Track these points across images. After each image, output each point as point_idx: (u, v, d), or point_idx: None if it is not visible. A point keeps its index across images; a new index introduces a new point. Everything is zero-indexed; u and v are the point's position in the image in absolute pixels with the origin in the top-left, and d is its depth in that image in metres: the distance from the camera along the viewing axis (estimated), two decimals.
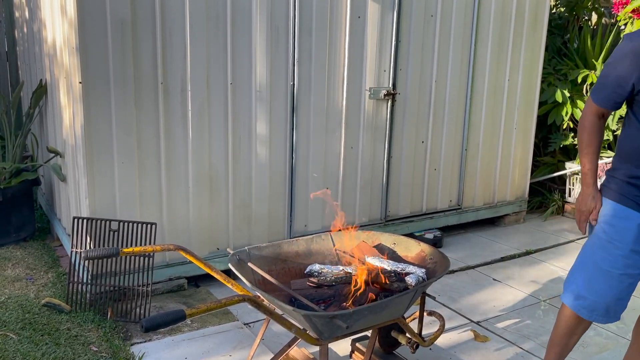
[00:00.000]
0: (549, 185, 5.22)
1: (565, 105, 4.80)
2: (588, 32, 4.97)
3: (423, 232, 4.13)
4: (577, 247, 4.24)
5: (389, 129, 3.85)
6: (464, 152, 4.28)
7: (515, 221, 4.75)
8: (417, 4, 3.76)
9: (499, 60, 4.26)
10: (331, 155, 3.65)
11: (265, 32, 3.23)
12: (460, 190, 4.35)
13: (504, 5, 4.17)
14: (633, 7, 4.05)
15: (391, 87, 3.78)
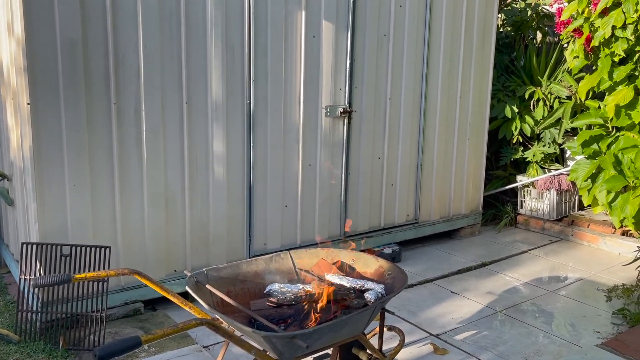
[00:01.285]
0: (502, 198, 5.39)
1: (514, 121, 4.99)
2: (533, 50, 5.19)
3: (382, 247, 4.18)
4: (530, 258, 4.38)
5: (346, 146, 3.89)
6: (420, 167, 4.37)
7: (470, 234, 4.87)
8: (370, 24, 3.84)
9: (450, 78, 4.40)
10: (289, 173, 3.66)
11: (221, 51, 3.23)
12: (417, 205, 4.43)
13: (453, 26, 4.32)
14: (574, 27, 4.26)
15: (347, 105, 3.84)
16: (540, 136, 5.09)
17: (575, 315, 3.36)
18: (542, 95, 4.97)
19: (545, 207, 4.97)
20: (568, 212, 5.02)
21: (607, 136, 4.32)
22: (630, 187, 4.09)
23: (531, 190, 5.05)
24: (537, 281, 3.92)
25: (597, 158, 4.32)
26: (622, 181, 4.09)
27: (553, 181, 4.86)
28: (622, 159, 4.16)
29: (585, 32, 4.20)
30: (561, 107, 4.88)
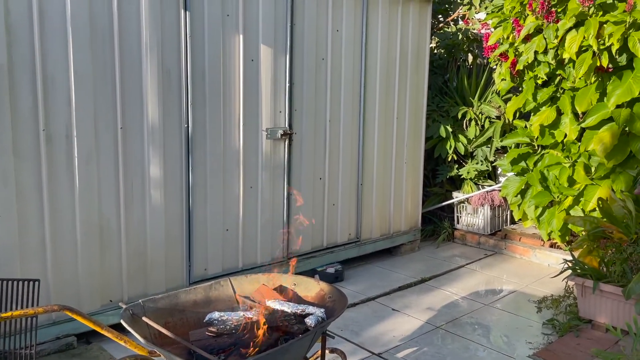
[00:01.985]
0: (440, 214, 5.56)
1: (449, 140, 5.19)
2: (465, 72, 5.44)
3: (325, 266, 4.21)
4: (467, 272, 4.53)
5: (287, 168, 3.91)
6: (360, 186, 4.45)
7: (410, 250, 4.99)
8: (308, 47, 3.90)
9: (387, 99, 4.53)
10: (230, 196, 3.63)
11: (157, 75, 3.18)
12: (358, 224, 4.50)
13: (388, 50, 4.46)
14: (500, 52, 4.51)
15: (287, 127, 3.86)
16: (473, 154, 5.32)
17: (510, 327, 3.50)
18: (474, 115, 5.20)
19: (480, 222, 5.17)
20: (501, 226, 5.25)
21: (534, 154, 4.57)
22: (555, 202, 4.34)
23: (467, 206, 5.25)
24: (474, 295, 4.05)
25: (525, 175, 4.56)
26: (548, 196, 4.34)
27: (486, 197, 5.07)
28: (547, 176, 4.42)
29: (511, 56, 4.46)
30: (491, 126, 5.13)
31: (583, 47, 3.88)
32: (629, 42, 3.66)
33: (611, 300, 3.29)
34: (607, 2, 3.84)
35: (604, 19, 3.75)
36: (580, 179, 4.14)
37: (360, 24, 4.21)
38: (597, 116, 3.96)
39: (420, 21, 4.67)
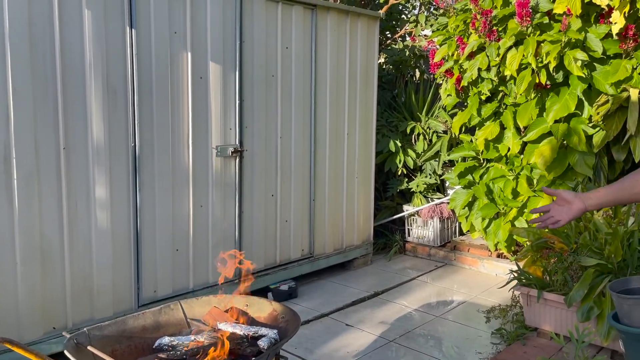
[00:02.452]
0: (391, 227, 5.64)
1: (398, 154, 5.29)
2: (412, 88, 5.57)
3: (278, 283, 4.18)
4: (418, 284, 4.61)
5: (238, 185, 3.88)
6: (312, 202, 4.46)
7: (363, 264, 5.03)
8: (257, 64, 3.90)
9: (337, 115, 4.57)
10: (180, 216, 3.56)
11: (101, 93, 3.10)
12: (311, 239, 4.50)
13: (338, 66, 4.51)
14: (445, 68, 4.65)
15: (238, 145, 3.84)
16: (422, 168, 5.44)
17: (460, 338, 3.57)
18: (422, 130, 5.33)
19: (430, 234, 5.28)
20: (450, 238, 5.37)
21: (479, 167, 4.72)
22: (501, 213, 4.49)
23: (417, 218, 5.35)
24: (426, 307, 4.12)
25: (471, 188, 4.70)
26: (494, 208, 4.49)
27: (436, 210, 5.19)
28: (493, 188, 4.57)
29: (456, 73, 4.61)
30: (439, 141, 5.27)
31: (523, 64, 4.06)
32: (564, 60, 3.86)
33: (554, 308, 3.42)
34: (543, 22, 4.04)
35: (542, 38, 3.93)
36: (524, 191, 4.31)
37: (309, 41, 4.25)
38: (538, 130, 4.14)
39: (369, 38, 4.76)
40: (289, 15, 4.08)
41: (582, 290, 3.23)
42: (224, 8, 3.64)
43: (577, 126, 4.05)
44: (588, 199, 1.85)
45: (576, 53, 3.79)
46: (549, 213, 1.90)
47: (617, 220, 3.67)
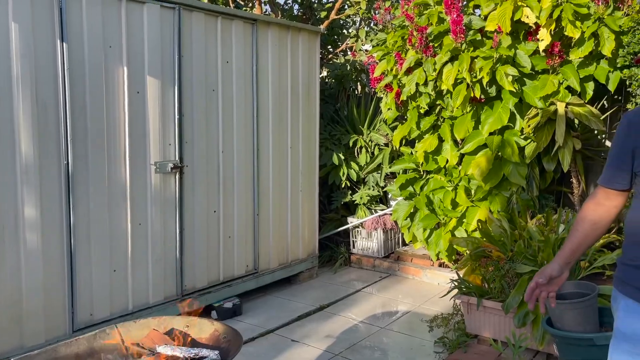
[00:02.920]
0: (336, 239, 5.67)
1: (341, 167, 5.34)
2: (354, 101, 5.66)
3: (222, 301, 4.10)
4: (363, 296, 4.64)
5: (179, 202, 3.79)
6: (256, 217, 4.42)
7: (309, 277, 5.02)
8: (197, 78, 3.85)
9: (280, 129, 4.57)
10: (117, 234, 3.44)
11: (31, 109, 2.96)
12: (255, 255, 4.45)
13: (280, 80, 4.52)
14: (385, 83, 4.75)
15: (178, 160, 3.76)
16: (365, 180, 5.51)
17: (405, 349, 3.62)
18: (364, 143, 5.41)
19: (374, 245, 5.34)
20: (394, 248, 5.46)
21: (420, 179, 4.84)
22: (441, 223, 4.61)
23: (361, 230, 5.40)
24: (372, 318, 4.15)
25: (413, 199, 4.80)
26: (435, 219, 4.60)
27: (379, 221, 5.26)
28: (433, 199, 4.68)
29: (395, 87, 4.71)
30: (380, 153, 5.36)
31: (458, 79, 4.20)
32: (496, 76, 4.02)
33: (493, 315, 3.53)
34: (477, 39, 4.20)
35: (475, 54, 4.09)
36: (462, 201, 4.44)
37: (250, 55, 4.24)
38: (474, 143, 4.29)
39: (310, 52, 4.80)
40: (229, 30, 4.05)
41: (518, 296, 3.35)
42: (162, 22, 3.58)
43: (510, 138, 4.23)
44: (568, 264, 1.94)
45: (507, 69, 3.96)
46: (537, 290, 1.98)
47: (549, 227, 3.85)
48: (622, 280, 1.79)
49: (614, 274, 1.86)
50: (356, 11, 5.77)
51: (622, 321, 1.77)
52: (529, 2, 3.88)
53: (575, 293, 3.13)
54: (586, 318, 2.95)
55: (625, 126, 1.78)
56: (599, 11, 3.78)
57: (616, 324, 1.80)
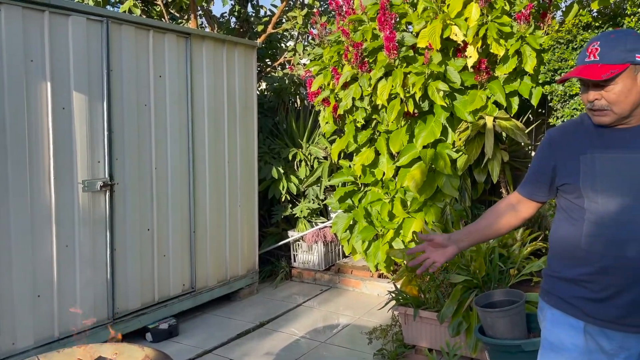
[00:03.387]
0: (277, 254, 5.63)
1: (281, 181, 5.32)
2: (293, 115, 5.67)
3: (157, 322, 3.97)
4: (304, 310, 4.63)
5: (109, 221, 3.65)
6: (193, 234, 4.32)
7: (249, 294, 4.95)
8: (127, 93, 3.74)
9: (217, 144, 4.50)
10: (41, 258, 3.26)
11: None
12: (192, 273, 4.34)
13: (216, 95, 4.46)
14: (322, 97, 4.79)
15: (108, 178, 3.62)
16: (305, 193, 5.52)
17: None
18: (303, 156, 5.42)
19: (315, 258, 5.35)
20: (335, 261, 5.48)
21: (358, 192, 4.89)
22: (380, 235, 4.68)
23: (302, 243, 5.40)
24: (313, 333, 4.14)
25: (352, 211, 4.85)
26: (373, 231, 4.66)
27: (319, 234, 5.27)
28: (371, 211, 4.75)
29: (332, 101, 4.76)
30: (320, 166, 5.39)
31: (392, 94, 4.29)
32: (428, 91, 4.14)
33: (430, 325, 3.60)
34: (409, 55, 4.31)
35: (408, 70, 4.19)
36: (399, 213, 4.53)
37: (184, 69, 4.16)
38: (408, 156, 4.39)
39: (247, 66, 4.77)
40: (162, 44, 3.97)
41: (452, 306, 3.44)
42: (89, 36, 3.45)
43: (442, 151, 4.36)
44: (460, 241, 1.98)
45: (438, 84, 4.09)
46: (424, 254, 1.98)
47: None
48: (547, 291, 1.84)
49: (540, 284, 1.92)
50: (293, 25, 5.80)
51: (549, 331, 1.83)
52: (457, 21, 4.02)
53: (505, 301, 3.25)
54: (515, 325, 3.06)
55: (547, 142, 1.86)
56: (522, 30, 3.97)
57: (543, 334, 1.87)
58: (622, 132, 1.69)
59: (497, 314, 3.06)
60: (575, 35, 3.75)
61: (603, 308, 1.67)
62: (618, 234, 1.64)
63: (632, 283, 1.63)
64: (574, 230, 1.74)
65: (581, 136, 1.76)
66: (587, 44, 1.68)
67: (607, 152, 1.69)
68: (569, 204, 1.78)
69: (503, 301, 3.25)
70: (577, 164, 1.72)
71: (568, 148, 1.77)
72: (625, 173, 1.66)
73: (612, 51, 1.61)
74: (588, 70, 1.62)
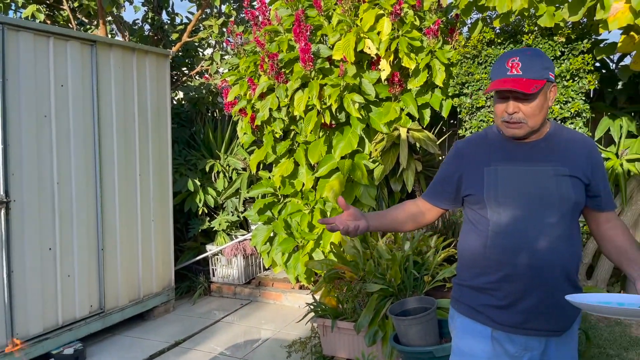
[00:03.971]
0: (195, 269, 5.46)
1: (198, 193, 5.17)
2: (211, 125, 5.54)
3: (62, 347, 3.71)
4: (224, 326, 4.50)
5: (5, 241, 3.37)
6: (101, 252, 4.09)
7: (165, 311, 4.75)
8: (26, 104, 3.48)
9: (127, 157, 4.29)
10: None
11: None
12: (101, 293, 4.10)
13: (125, 105, 4.26)
14: (239, 108, 4.72)
15: (3, 195, 3.35)
16: (224, 206, 5.40)
17: None
18: (222, 168, 5.31)
19: (235, 272, 5.23)
20: (255, 274, 5.40)
21: (278, 203, 4.85)
22: (300, 247, 4.66)
23: (221, 257, 5.27)
24: (232, 349, 4.03)
25: (271, 223, 4.80)
26: (293, 242, 4.63)
27: (239, 247, 5.17)
28: (291, 223, 4.72)
29: (249, 112, 4.69)
30: (239, 178, 5.29)
31: (309, 105, 4.30)
32: (344, 102, 4.18)
33: (347, 336, 3.61)
34: (325, 67, 4.34)
35: (324, 81, 4.22)
36: (318, 224, 4.53)
37: (90, 78, 3.94)
38: (327, 166, 4.41)
39: (159, 75, 4.61)
40: (64, 51, 3.74)
41: (368, 315, 3.47)
42: None
43: (359, 162, 4.42)
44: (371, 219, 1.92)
45: (353, 96, 4.14)
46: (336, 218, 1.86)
47: (397, 245, 4.06)
48: (457, 299, 1.90)
49: (451, 292, 1.97)
50: (209, 34, 5.69)
51: (459, 338, 1.88)
52: (370, 35, 4.10)
53: (418, 308, 3.32)
54: (427, 332, 3.14)
55: (453, 154, 1.91)
56: (431, 44, 4.12)
57: (454, 341, 1.91)
58: (523, 146, 1.77)
59: (409, 322, 3.11)
60: (480, 51, 3.94)
61: (507, 314, 1.73)
62: (513, 242, 1.71)
63: (530, 290, 1.71)
64: (478, 240, 1.80)
65: (486, 149, 1.83)
66: (504, 58, 1.71)
67: (509, 165, 1.76)
68: (474, 214, 1.83)
69: (417, 308, 3.32)
70: (482, 175, 1.78)
71: (474, 160, 1.83)
72: (523, 185, 1.73)
73: (533, 67, 1.65)
74: (516, 83, 1.64)
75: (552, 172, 1.72)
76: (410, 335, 3.16)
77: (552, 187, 1.71)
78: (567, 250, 1.72)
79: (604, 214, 1.83)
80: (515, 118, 1.69)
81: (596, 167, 1.78)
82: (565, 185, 1.71)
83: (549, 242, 1.69)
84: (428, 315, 3.11)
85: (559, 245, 1.70)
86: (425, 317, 3.11)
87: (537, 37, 3.71)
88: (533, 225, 1.70)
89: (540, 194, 1.71)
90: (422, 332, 3.13)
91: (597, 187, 1.78)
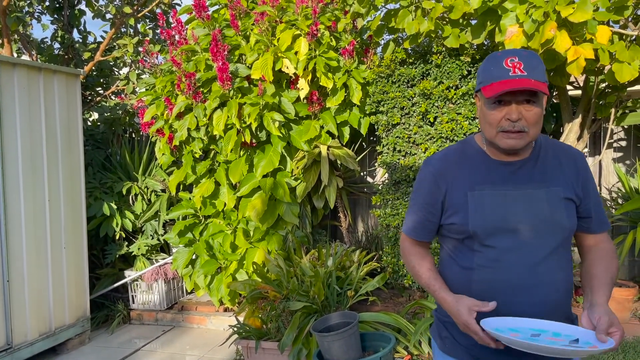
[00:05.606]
0: (114, 296, 5.21)
1: (114, 217, 4.96)
2: (127, 146, 5.35)
3: None
4: (144, 355, 4.31)
5: None
6: (7, 284, 3.80)
7: (80, 343, 4.48)
8: None
9: (34, 182, 4.04)
10: None
11: None
12: (8, 328, 3.81)
13: (32, 129, 4.02)
14: (156, 128, 4.60)
15: None
16: (143, 229, 5.21)
17: None
18: (139, 190, 5.13)
19: (155, 297, 5.04)
20: (178, 298, 5.23)
21: (199, 224, 4.75)
22: (223, 268, 4.57)
23: (141, 283, 5.06)
24: None
25: (193, 245, 4.68)
26: (216, 264, 4.54)
27: (159, 271, 5.00)
28: (213, 244, 4.63)
29: (167, 132, 4.59)
30: (158, 200, 5.14)
31: (228, 125, 4.27)
32: (264, 121, 4.19)
33: (272, 356, 3.57)
34: (244, 86, 4.34)
35: (243, 100, 4.21)
36: (242, 243, 4.47)
37: None
38: (249, 185, 4.38)
39: (69, 96, 4.40)
40: None
41: (292, 334, 3.45)
42: None
43: (281, 180, 4.43)
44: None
45: (273, 115, 4.17)
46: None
47: (321, 262, 4.09)
48: (439, 336, 1.70)
49: (432, 325, 1.77)
50: (123, 53, 5.53)
51: None
52: (287, 54, 4.16)
53: (341, 323, 3.36)
54: (349, 346, 3.17)
55: (430, 175, 1.62)
56: (347, 64, 4.24)
57: None
58: (510, 166, 1.55)
59: (332, 337, 3.14)
60: (394, 70, 4.11)
61: (495, 353, 1.51)
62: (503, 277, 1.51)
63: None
64: (461, 275, 1.58)
65: (467, 169, 1.58)
66: (499, 58, 1.48)
67: (497, 189, 1.53)
68: (457, 245, 1.60)
69: (339, 324, 3.35)
70: (465, 201, 1.54)
71: (454, 182, 1.58)
72: (514, 213, 1.51)
73: (536, 68, 1.45)
74: (527, 84, 1.41)
75: (544, 196, 1.52)
76: (333, 351, 3.18)
77: (545, 214, 1.50)
78: (563, 284, 1.53)
79: (592, 237, 1.63)
80: (519, 126, 1.45)
81: (586, 182, 1.58)
82: (559, 211, 1.52)
83: (542, 276, 1.50)
84: (350, 330, 3.15)
85: (553, 279, 1.51)
86: (347, 332, 3.14)
87: (445, 57, 3.92)
88: (525, 258, 1.50)
89: (533, 223, 1.50)
90: (345, 347, 3.16)
91: (588, 207, 1.58)
